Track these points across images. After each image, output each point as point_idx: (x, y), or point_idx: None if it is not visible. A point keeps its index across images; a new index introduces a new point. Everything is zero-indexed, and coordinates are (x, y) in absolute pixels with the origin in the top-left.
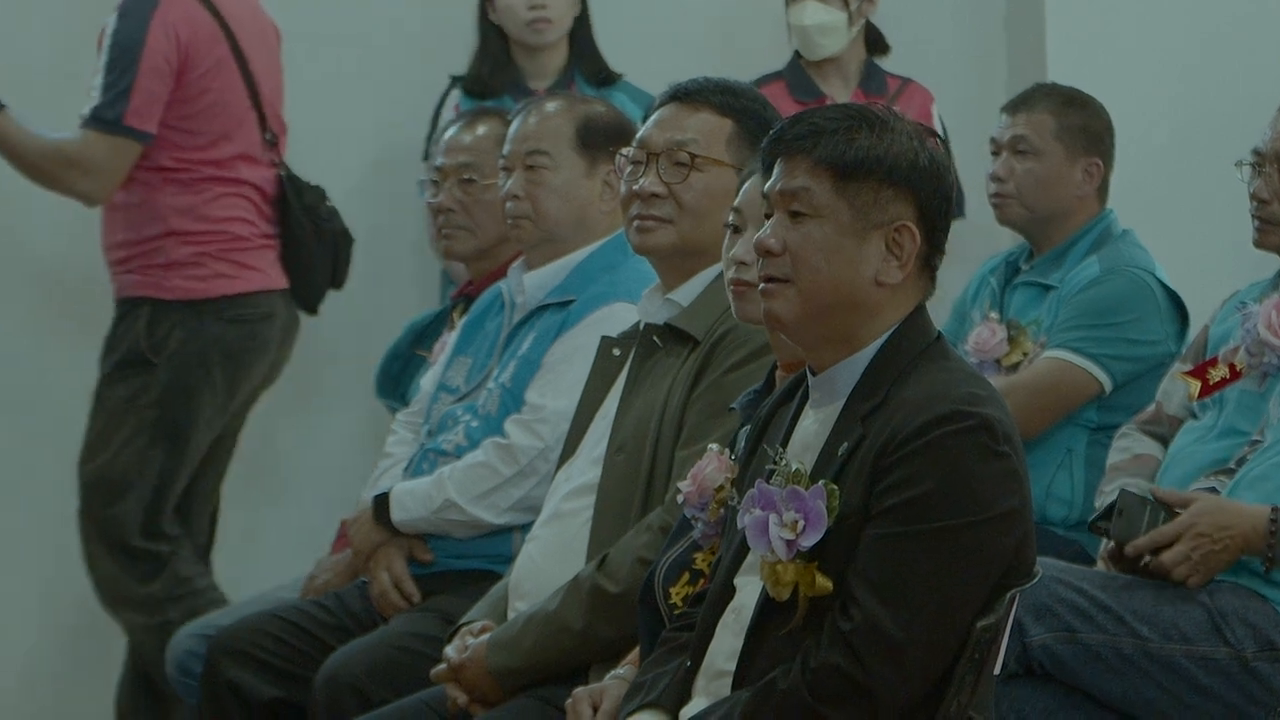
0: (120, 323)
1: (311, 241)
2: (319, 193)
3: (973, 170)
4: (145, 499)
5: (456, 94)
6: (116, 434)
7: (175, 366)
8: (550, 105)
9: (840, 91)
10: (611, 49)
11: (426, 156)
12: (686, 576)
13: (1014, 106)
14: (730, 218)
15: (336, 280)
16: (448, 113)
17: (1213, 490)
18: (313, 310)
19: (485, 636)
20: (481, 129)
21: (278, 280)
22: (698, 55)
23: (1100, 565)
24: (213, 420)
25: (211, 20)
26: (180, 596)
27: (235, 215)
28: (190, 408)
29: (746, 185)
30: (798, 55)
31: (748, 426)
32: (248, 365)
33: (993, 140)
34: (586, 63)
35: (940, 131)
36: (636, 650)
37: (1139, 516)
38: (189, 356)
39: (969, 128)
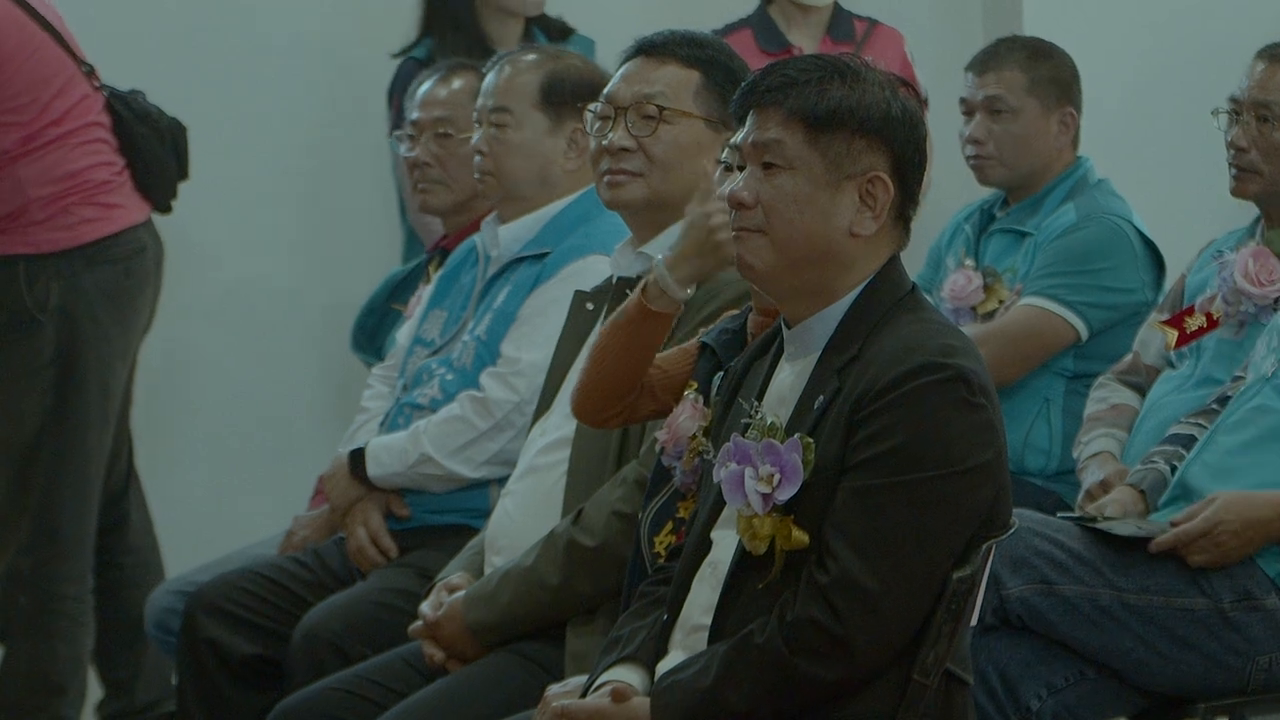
0: None
1: (155, 145)
2: (139, 95)
3: (946, 124)
4: (70, 461)
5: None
6: (21, 399)
7: (61, 320)
8: (522, 60)
9: (808, 39)
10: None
11: (394, 130)
12: (670, 526)
13: (981, 65)
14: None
15: (183, 172)
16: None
17: (1191, 437)
18: (168, 209)
19: (461, 592)
20: (457, 83)
21: (140, 213)
22: (654, 3)
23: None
24: (118, 366)
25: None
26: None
27: (93, 162)
28: (88, 359)
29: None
30: (765, 2)
31: (721, 374)
32: (131, 303)
33: (963, 101)
34: (543, 20)
35: (913, 70)
36: None
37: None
38: (72, 307)
39: (945, 76)
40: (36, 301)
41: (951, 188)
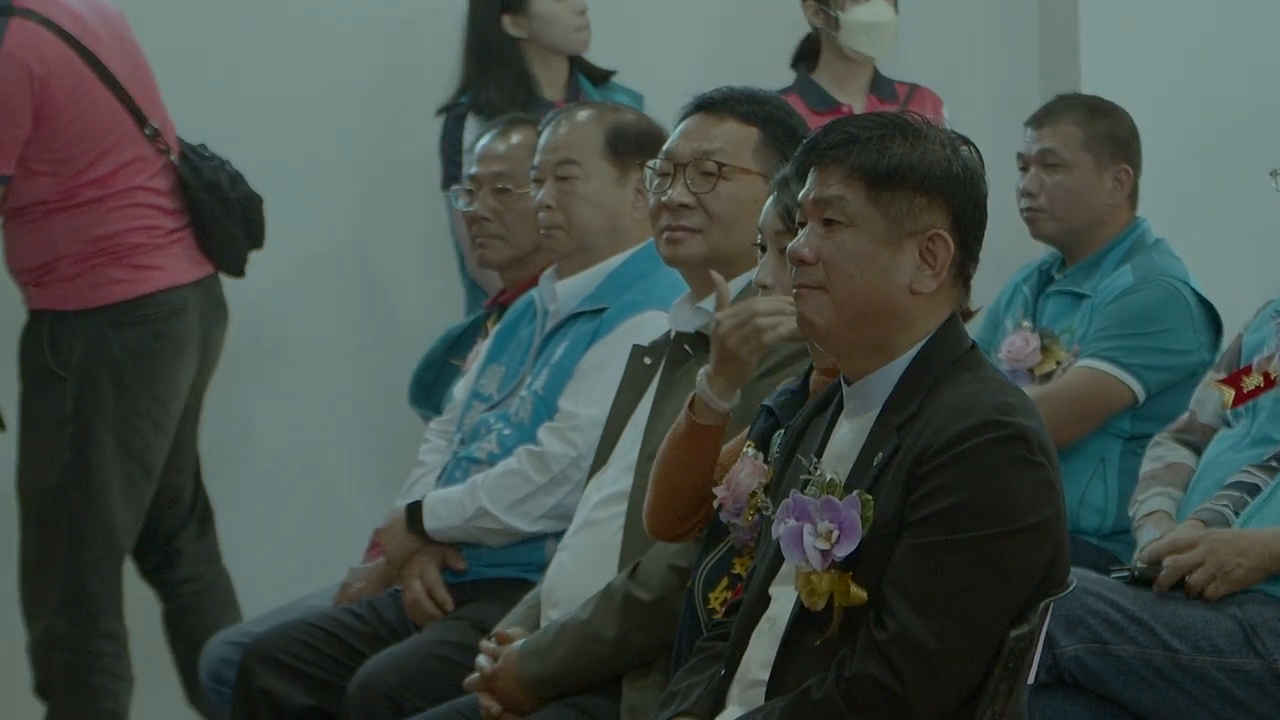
0: (28, 335)
1: (221, 216)
2: (217, 164)
3: (1004, 180)
4: (92, 520)
5: (474, 121)
6: (43, 453)
7: (82, 378)
8: (580, 114)
9: (856, 99)
10: (614, 53)
11: (445, 186)
12: (725, 582)
13: (1038, 120)
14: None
15: (254, 241)
16: (470, 136)
17: (1255, 486)
18: (240, 273)
19: (517, 644)
20: (516, 138)
21: (185, 273)
22: (703, 62)
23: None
24: (145, 428)
25: (62, 44)
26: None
27: (130, 226)
28: (107, 418)
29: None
30: (807, 69)
31: (781, 431)
32: (162, 364)
33: (1020, 155)
34: (583, 63)
35: None
36: None
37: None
38: (94, 366)
39: (1002, 135)
40: (59, 358)
41: (1008, 246)
